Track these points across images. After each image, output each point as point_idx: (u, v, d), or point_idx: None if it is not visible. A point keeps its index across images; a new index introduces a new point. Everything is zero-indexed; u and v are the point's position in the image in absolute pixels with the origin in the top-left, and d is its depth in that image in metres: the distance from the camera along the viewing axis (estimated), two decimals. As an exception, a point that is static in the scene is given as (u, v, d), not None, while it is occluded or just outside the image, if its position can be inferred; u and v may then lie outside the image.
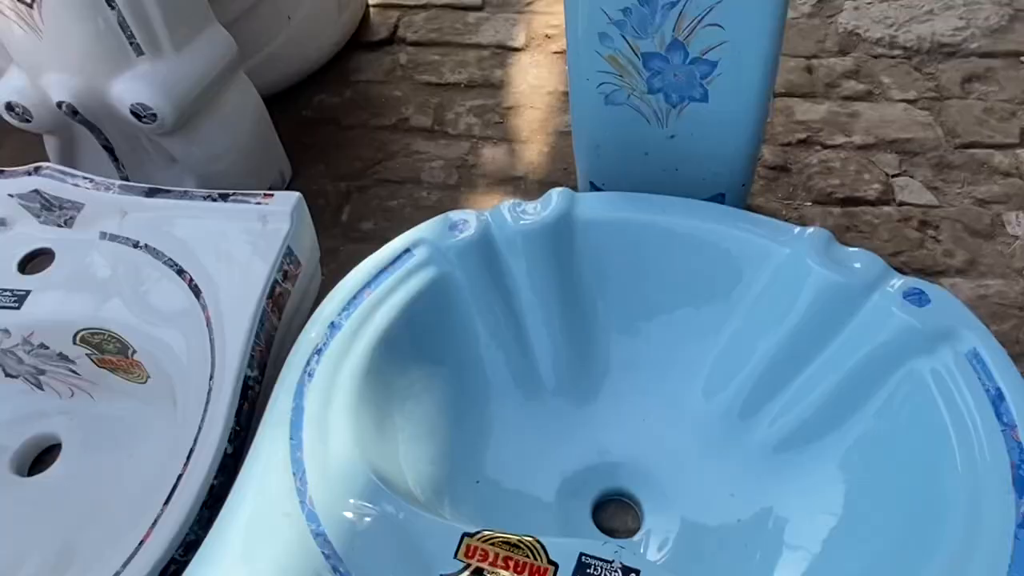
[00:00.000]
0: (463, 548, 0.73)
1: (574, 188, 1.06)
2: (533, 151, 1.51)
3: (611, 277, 1.00)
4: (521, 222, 1.00)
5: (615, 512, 0.97)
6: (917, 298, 0.86)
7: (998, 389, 0.77)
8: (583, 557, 0.71)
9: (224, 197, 0.98)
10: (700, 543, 0.88)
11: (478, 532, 0.74)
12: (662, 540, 0.90)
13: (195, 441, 0.78)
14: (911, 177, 1.39)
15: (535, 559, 0.72)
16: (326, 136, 1.57)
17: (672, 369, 1.00)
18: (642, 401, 1.00)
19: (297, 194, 0.98)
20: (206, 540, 0.73)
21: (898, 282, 0.88)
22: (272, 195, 0.98)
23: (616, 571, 0.70)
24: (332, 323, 0.91)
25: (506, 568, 0.71)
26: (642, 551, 0.88)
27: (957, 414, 0.77)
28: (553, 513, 0.92)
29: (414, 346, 0.95)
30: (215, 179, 1.22)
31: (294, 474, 0.78)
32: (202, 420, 0.79)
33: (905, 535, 0.74)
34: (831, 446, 0.88)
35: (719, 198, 1.11)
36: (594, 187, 1.16)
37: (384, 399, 0.91)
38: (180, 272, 0.92)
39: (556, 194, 1.02)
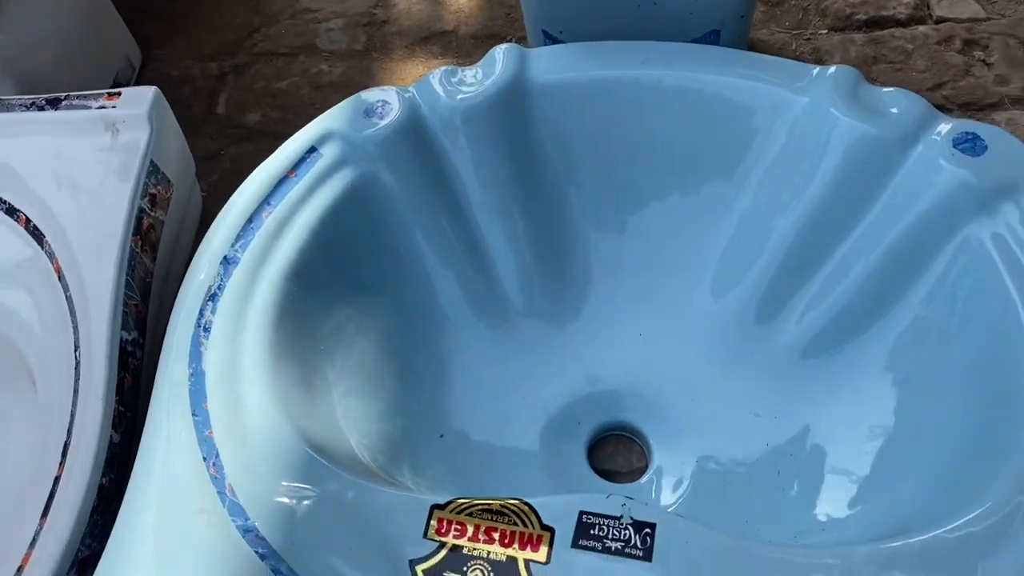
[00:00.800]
0: (433, 524, 0.73)
1: (523, 42, 1.02)
2: (463, -6, 1.45)
3: (583, 158, 0.98)
4: (459, 96, 0.96)
5: (615, 450, 0.99)
6: (970, 144, 0.86)
7: (1074, 251, 0.78)
8: (584, 516, 0.73)
9: (54, 103, 0.91)
10: (723, 478, 0.91)
11: (450, 502, 0.74)
12: (676, 479, 0.92)
13: (68, 432, 0.76)
14: (951, -17, 1.37)
15: (525, 526, 0.73)
16: (182, 2, 1.48)
17: (670, 267, 1.00)
18: (636, 311, 1.00)
19: (153, 89, 0.92)
20: (104, 555, 0.72)
21: (946, 126, 0.88)
22: (119, 93, 0.91)
23: (626, 528, 0.72)
24: (225, 258, 0.88)
25: (490, 542, 0.72)
26: (653, 496, 0.91)
27: (1026, 286, 0.79)
28: (540, 462, 0.94)
29: (338, 275, 0.93)
30: (37, 77, 1.14)
31: (205, 459, 0.76)
32: (73, 403, 0.77)
33: (971, 442, 0.77)
34: (873, 343, 0.89)
35: (712, 37, 1.08)
36: (549, 38, 1.12)
37: (308, 348, 0.89)
38: (11, 212, 0.87)
39: (501, 53, 0.98)
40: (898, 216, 0.88)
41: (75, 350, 0.80)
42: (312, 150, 0.94)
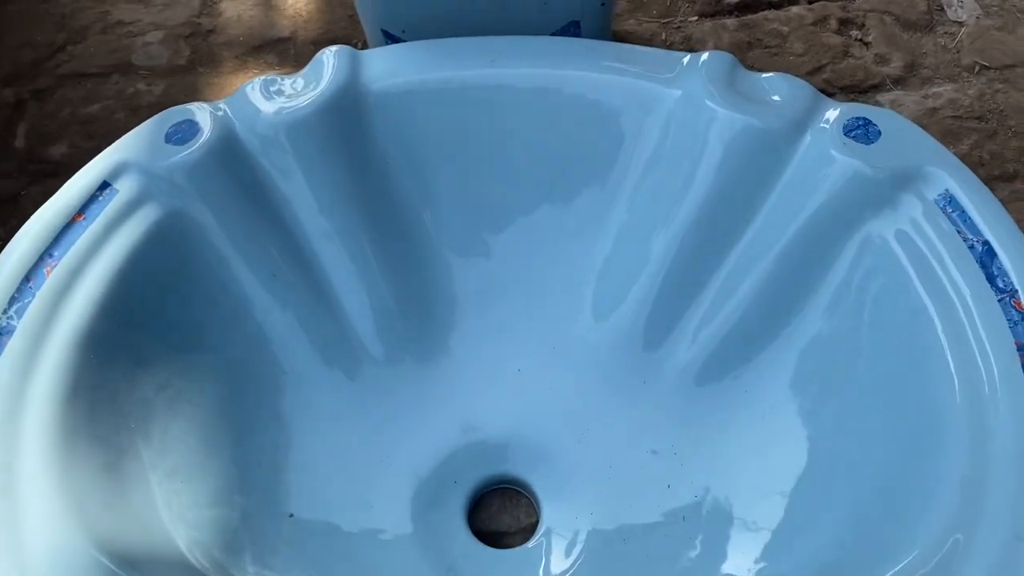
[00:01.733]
0: (269, 646, 0.59)
1: (364, 46, 0.89)
2: (298, -4, 1.31)
3: (435, 174, 0.86)
4: (282, 109, 0.82)
5: (501, 507, 0.87)
6: (863, 131, 0.77)
7: (986, 243, 0.71)
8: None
9: None
10: (622, 531, 0.80)
11: (289, 615, 0.60)
12: (569, 539, 0.81)
13: None
14: (820, -39, 1.31)
15: (384, 635, 0.60)
16: (-33, 18, 1.29)
17: (545, 292, 0.88)
18: (511, 345, 0.89)
19: None
20: None
21: (834, 112, 0.79)
22: None
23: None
24: (-5, 328, 0.72)
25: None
26: (544, 562, 0.79)
27: (937, 288, 0.70)
28: (412, 538, 0.81)
29: (145, 335, 0.78)
30: None
31: (-31, 595, 0.61)
32: None
33: (893, 469, 0.68)
34: (774, 363, 0.80)
35: (571, 29, 0.98)
36: (390, 38, 0.99)
37: (113, 427, 0.74)
38: None
39: (329, 57, 0.85)
40: (790, 217, 0.79)
41: None
42: (105, 186, 0.80)
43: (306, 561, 0.78)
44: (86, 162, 1.14)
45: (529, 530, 0.85)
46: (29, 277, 0.75)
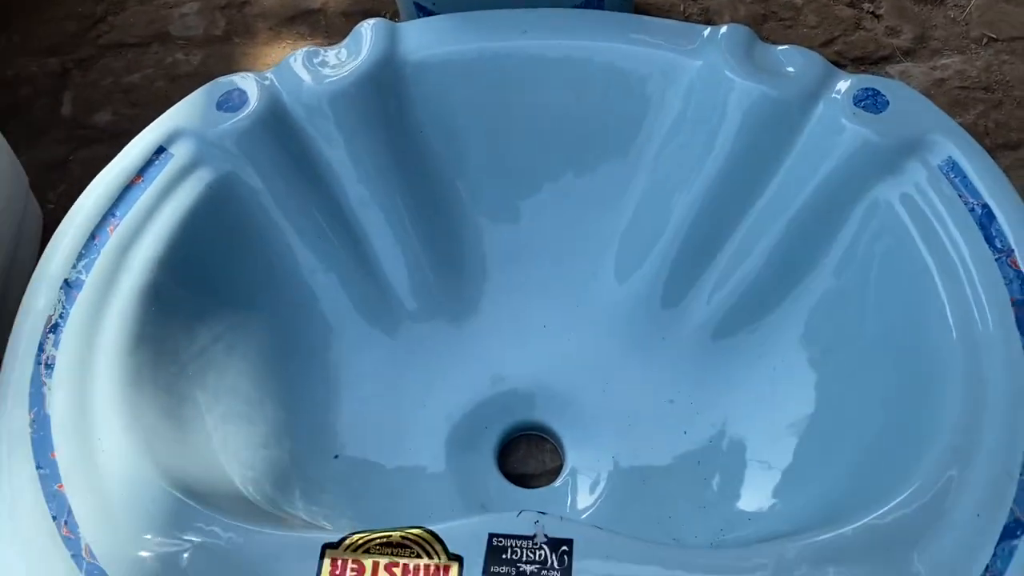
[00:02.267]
0: (327, 566, 0.66)
1: (396, 18, 0.94)
2: (328, -31, 1.35)
3: (468, 140, 0.91)
4: (324, 79, 0.87)
5: (527, 453, 0.93)
6: (872, 101, 0.82)
7: (985, 206, 0.76)
8: (494, 540, 0.66)
9: None
10: (641, 473, 0.86)
11: (344, 539, 0.67)
12: (592, 479, 0.87)
13: None
14: (834, -66, 1.34)
15: (430, 557, 0.66)
16: (11, -10, 1.34)
17: (570, 253, 0.94)
18: (538, 302, 0.94)
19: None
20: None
21: (845, 83, 0.84)
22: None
23: (541, 548, 0.66)
24: (66, 282, 0.78)
25: (391, 579, 0.65)
26: (570, 500, 0.85)
27: (939, 248, 0.76)
28: (447, 476, 0.87)
29: (200, 290, 0.84)
30: None
31: (55, 518, 0.67)
32: None
33: (895, 416, 0.74)
34: (786, 319, 0.86)
35: (595, 2, 1.02)
36: (421, 10, 1.04)
37: (172, 375, 0.80)
38: None
39: (368, 30, 0.90)
40: (803, 182, 0.84)
41: None
42: (160, 150, 0.85)
43: (351, 497, 0.84)
44: (129, 128, 1.20)
45: (554, 473, 0.91)
46: (95, 235, 0.81)
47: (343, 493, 0.85)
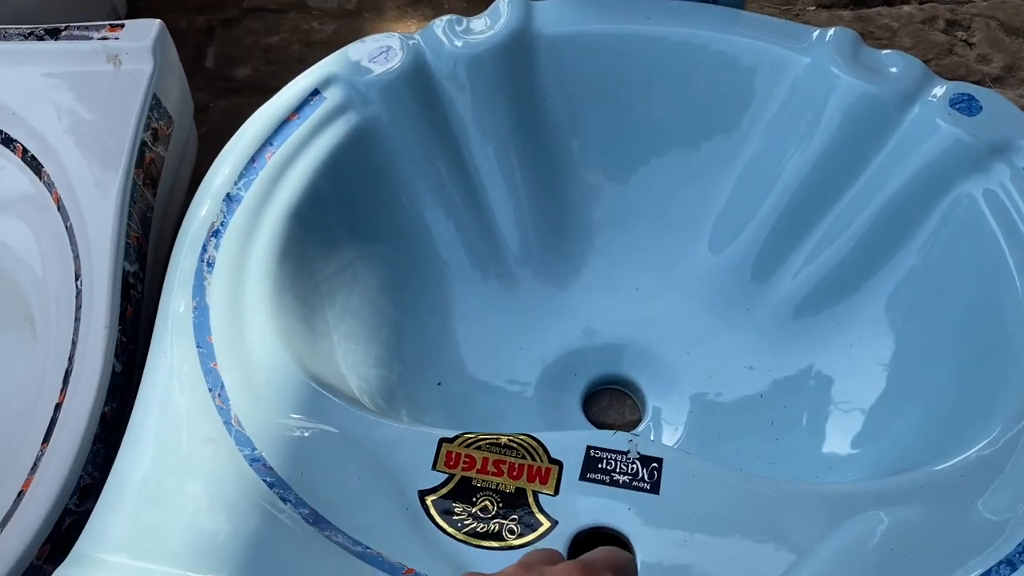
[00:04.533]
0: (442, 457, 0.74)
1: (519, 0, 1.02)
2: (456, -43, 1.45)
3: (587, 110, 0.99)
4: (463, 44, 0.96)
5: (609, 404, 1.00)
6: (966, 105, 0.89)
7: (1065, 206, 0.81)
8: (592, 451, 0.74)
9: (53, 33, 0.90)
10: (718, 428, 0.93)
11: (459, 435, 0.75)
12: (671, 429, 0.94)
13: (70, 360, 0.75)
14: (935, -35, 1.41)
15: (533, 459, 0.73)
16: (169, -46, 1.46)
17: (668, 223, 1.01)
18: (633, 266, 1.02)
19: (157, 22, 0.91)
20: (108, 481, 0.71)
21: (941, 88, 0.90)
22: (122, 25, 0.90)
23: (633, 463, 0.73)
24: (228, 195, 0.87)
25: (499, 474, 0.73)
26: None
27: (1018, 241, 0.82)
28: (537, 411, 0.94)
29: (338, 220, 0.93)
30: (17, 21, 1.12)
31: (210, 390, 0.76)
32: (75, 332, 0.76)
33: (964, 388, 0.80)
34: (867, 297, 0.92)
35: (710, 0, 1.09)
36: (549, -4, 1.12)
37: (309, 289, 0.89)
38: (7, 141, 0.85)
39: (505, 4, 0.99)
40: (894, 173, 0.90)
41: (76, 280, 0.79)
42: (315, 93, 0.94)
43: (450, 420, 0.92)
44: (265, 84, 1.31)
45: (633, 425, 0.98)
46: (254, 159, 0.90)
47: (444, 415, 0.93)
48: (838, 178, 0.93)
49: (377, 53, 0.96)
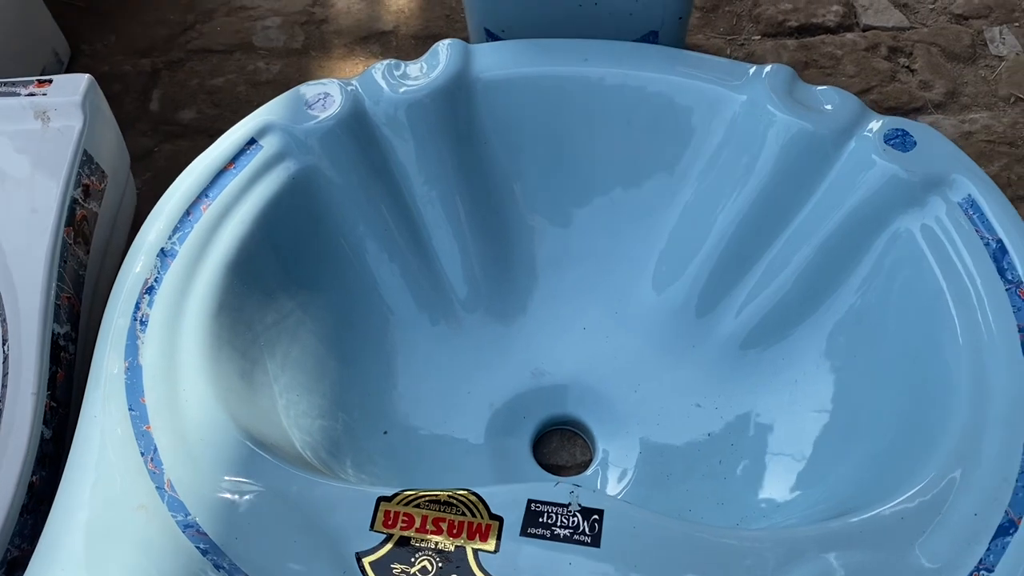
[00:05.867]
0: (380, 516, 0.72)
1: (465, 40, 1.02)
2: (402, -6, 1.45)
3: (527, 152, 0.99)
4: (402, 89, 0.96)
5: (560, 445, 0.99)
6: (900, 140, 0.89)
7: (999, 241, 0.82)
8: (532, 504, 0.73)
9: (-21, 89, 0.88)
10: (666, 468, 0.92)
11: (397, 493, 0.73)
12: (620, 471, 0.93)
13: (-5, 429, 0.73)
14: (876, -7, 1.42)
15: (473, 515, 0.72)
16: (112, -5, 1.44)
17: (613, 261, 1.01)
18: (580, 305, 1.01)
19: (87, 76, 0.90)
20: (35, 554, 0.69)
21: (877, 123, 0.91)
22: (50, 80, 0.89)
23: (574, 515, 0.72)
24: (162, 250, 0.86)
25: (438, 532, 0.72)
26: (598, 487, 0.91)
27: (954, 276, 0.82)
28: (486, 458, 0.93)
29: (278, 269, 0.92)
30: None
31: (143, 454, 0.74)
32: (1, 399, 0.74)
33: (905, 425, 0.80)
34: (809, 334, 0.92)
35: (651, 38, 1.10)
36: (491, 36, 1.12)
37: (247, 342, 0.87)
38: (-69, 202, 0.83)
39: (445, 48, 0.98)
40: (833, 209, 0.90)
41: (3, 344, 0.77)
42: (252, 142, 0.93)
43: (397, 470, 0.91)
44: (211, 127, 1.30)
45: (583, 466, 0.97)
46: (189, 212, 0.89)
47: (390, 466, 0.92)
48: (777, 214, 0.93)
49: (315, 100, 0.96)
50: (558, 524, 0.72)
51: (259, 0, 1.46)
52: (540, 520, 0.72)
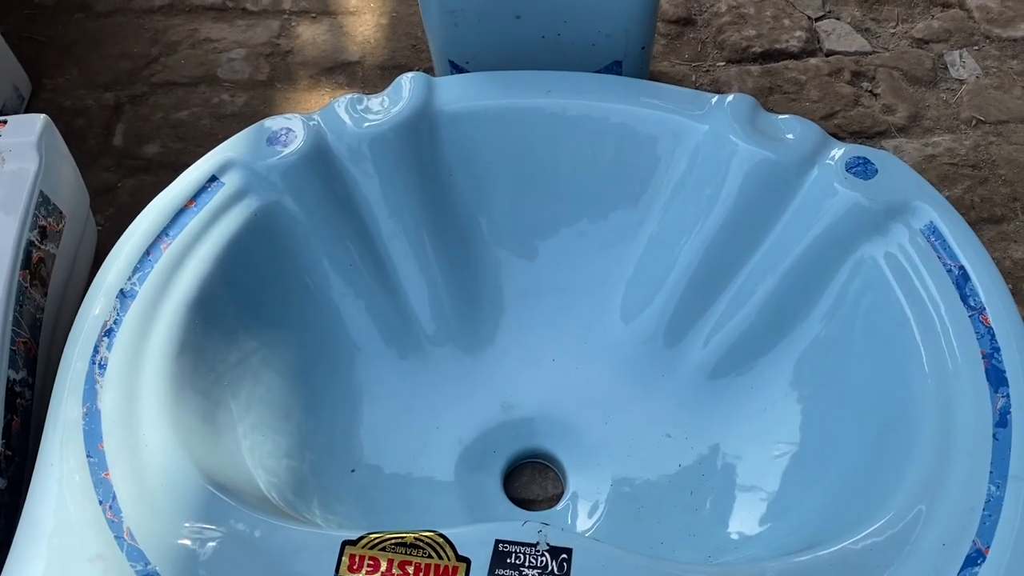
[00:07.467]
0: (345, 561, 0.71)
1: (429, 73, 1.02)
2: (368, 25, 1.44)
3: (493, 185, 0.99)
4: (365, 123, 0.95)
5: (532, 478, 0.99)
6: (862, 168, 0.90)
7: (961, 268, 0.83)
8: (500, 545, 0.72)
9: (-69, 132, 0.87)
10: (637, 500, 0.92)
11: (362, 537, 0.72)
12: (591, 504, 0.92)
13: (-52, 481, 0.71)
14: (837, 19, 1.44)
15: (440, 558, 0.71)
16: (75, 29, 1.43)
17: (581, 293, 1.00)
18: (548, 337, 1.01)
19: (42, 117, 0.89)
20: (-12, 611, 0.67)
21: (839, 151, 0.91)
22: (4, 121, 0.88)
23: (543, 555, 0.71)
24: (121, 291, 0.84)
25: (404, 576, 0.71)
26: (570, 522, 0.90)
27: (918, 303, 0.82)
28: (456, 494, 0.92)
29: (241, 307, 0.91)
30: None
31: (101, 502, 0.73)
32: (-47, 450, 0.72)
33: (873, 455, 0.80)
34: (777, 363, 0.92)
35: (614, 68, 1.10)
36: (455, 68, 1.12)
37: (210, 383, 0.86)
38: None
39: (408, 81, 0.98)
40: (796, 238, 0.91)
41: (-44, 392, 0.76)
42: (213, 179, 0.92)
43: (364, 510, 0.90)
44: (175, 160, 1.29)
45: (555, 499, 0.97)
46: (149, 252, 0.88)
47: (358, 505, 0.90)
48: (742, 243, 0.94)
49: (277, 136, 0.95)
50: (526, 564, 0.71)
51: (224, 32, 1.45)
52: (508, 561, 0.71)
